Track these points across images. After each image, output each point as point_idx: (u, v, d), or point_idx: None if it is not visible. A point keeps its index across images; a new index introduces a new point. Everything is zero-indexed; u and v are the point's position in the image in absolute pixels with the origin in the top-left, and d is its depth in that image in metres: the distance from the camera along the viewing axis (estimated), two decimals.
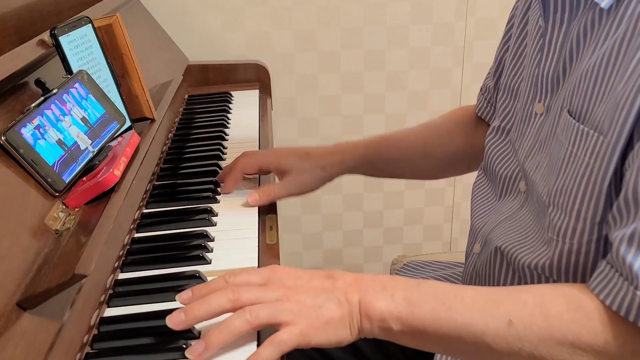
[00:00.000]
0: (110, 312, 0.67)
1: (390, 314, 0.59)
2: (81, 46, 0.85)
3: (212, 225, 0.84)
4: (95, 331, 0.64)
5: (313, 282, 0.62)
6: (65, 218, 0.69)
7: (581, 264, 0.64)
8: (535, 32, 0.75)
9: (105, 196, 0.73)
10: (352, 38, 1.58)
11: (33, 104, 0.71)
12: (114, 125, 0.83)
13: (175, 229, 0.83)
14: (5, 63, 0.71)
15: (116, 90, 0.91)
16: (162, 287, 0.70)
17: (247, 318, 0.58)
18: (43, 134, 0.70)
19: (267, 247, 0.79)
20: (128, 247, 0.79)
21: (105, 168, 0.75)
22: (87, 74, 0.82)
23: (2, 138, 0.65)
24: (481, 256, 0.80)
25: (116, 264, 0.74)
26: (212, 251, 0.78)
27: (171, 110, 1.17)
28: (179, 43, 1.47)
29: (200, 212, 0.86)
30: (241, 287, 0.60)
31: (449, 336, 0.59)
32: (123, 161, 0.78)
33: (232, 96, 1.40)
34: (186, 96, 1.39)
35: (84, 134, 0.77)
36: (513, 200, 0.79)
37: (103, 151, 0.79)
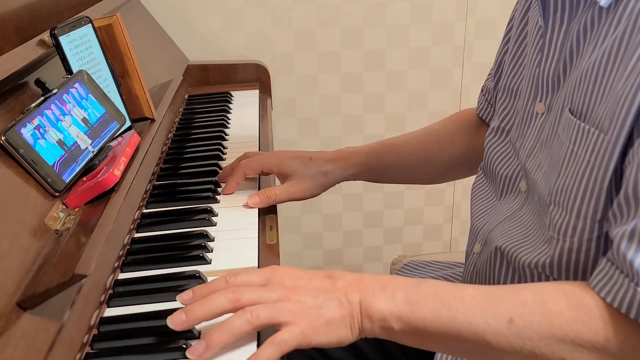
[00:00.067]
0: (110, 312, 0.67)
1: (390, 314, 0.59)
2: (81, 46, 0.85)
3: (212, 225, 0.84)
4: (95, 331, 0.64)
5: (313, 283, 0.62)
6: (65, 218, 0.69)
7: (582, 262, 0.64)
8: (535, 33, 0.75)
9: (105, 196, 0.73)
10: (352, 38, 1.58)
11: (33, 104, 0.71)
12: (114, 125, 0.83)
13: (175, 229, 0.83)
14: (5, 63, 0.71)
15: (116, 90, 0.91)
16: (162, 287, 0.70)
17: (248, 318, 0.58)
18: (43, 134, 0.70)
19: (267, 247, 0.79)
20: (128, 247, 0.79)
21: (105, 168, 0.75)
22: (87, 74, 0.82)
23: (2, 138, 0.65)
24: (481, 256, 0.80)
25: (116, 264, 0.74)
26: (212, 251, 0.78)
27: (171, 110, 1.17)
28: (179, 43, 1.47)
29: (200, 212, 0.86)
30: (242, 288, 0.60)
31: (450, 335, 0.59)
32: (123, 161, 0.78)
33: (232, 96, 1.40)
34: (186, 96, 1.39)
35: (84, 134, 0.77)
36: (513, 200, 0.79)
37: (103, 151, 0.79)
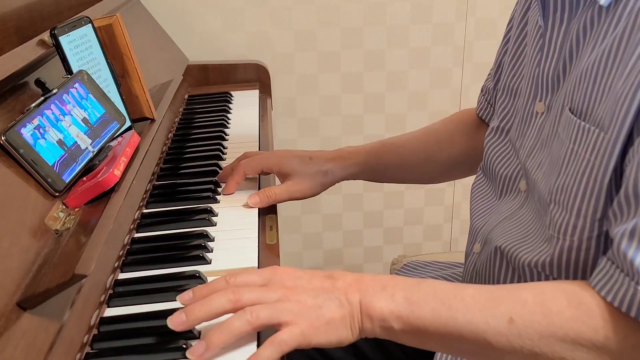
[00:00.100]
0: (110, 312, 0.67)
1: (391, 314, 0.59)
2: (81, 46, 0.85)
3: (212, 225, 0.84)
4: (95, 331, 0.64)
5: (313, 283, 0.62)
6: (65, 218, 0.69)
7: (581, 261, 0.64)
8: (535, 32, 0.75)
9: (105, 196, 0.73)
10: (352, 38, 1.58)
11: (33, 104, 0.71)
12: (114, 125, 0.83)
13: (175, 229, 0.83)
14: (5, 63, 0.71)
15: (116, 90, 0.91)
16: (162, 287, 0.70)
17: (248, 318, 0.58)
18: (43, 134, 0.70)
19: (267, 247, 0.79)
20: (128, 247, 0.79)
21: (105, 168, 0.75)
22: (87, 74, 0.82)
23: (2, 138, 0.65)
24: (481, 256, 0.80)
25: (116, 264, 0.74)
26: (212, 251, 0.78)
27: (171, 110, 1.17)
28: (179, 43, 1.47)
29: (200, 212, 0.86)
30: (242, 288, 0.60)
31: (450, 335, 0.59)
32: (123, 161, 0.78)
33: (232, 96, 1.40)
34: (186, 96, 1.39)
35: (84, 134, 0.77)
36: (513, 199, 0.79)
37: (103, 151, 0.79)
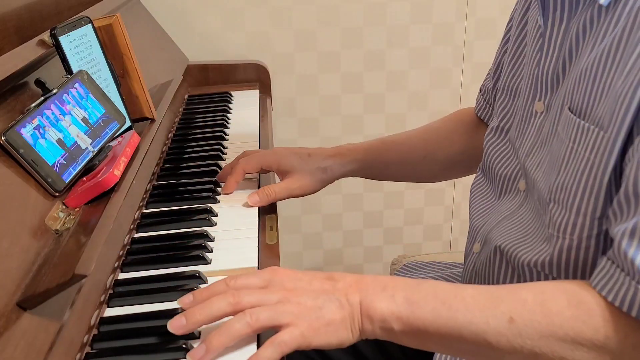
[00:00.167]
0: (110, 312, 0.67)
1: (391, 315, 0.59)
2: (81, 46, 0.85)
3: (212, 225, 0.84)
4: (95, 331, 0.64)
5: (313, 284, 0.62)
6: (65, 218, 0.69)
7: (581, 260, 0.64)
8: (534, 32, 0.75)
9: (105, 196, 0.73)
10: (352, 38, 1.58)
11: (33, 104, 0.71)
12: (114, 125, 0.83)
13: (175, 229, 0.83)
14: (5, 63, 0.71)
15: (116, 90, 0.91)
16: (162, 287, 0.70)
17: (248, 321, 0.58)
18: (43, 134, 0.70)
19: (267, 247, 0.79)
20: (128, 247, 0.79)
21: (105, 168, 0.75)
22: (87, 74, 0.82)
23: (2, 138, 0.65)
24: (481, 255, 0.80)
25: (116, 264, 0.74)
26: (212, 251, 0.78)
27: (171, 110, 1.17)
28: (179, 43, 1.47)
29: (200, 212, 0.86)
30: (242, 291, 0.60)
31: (450, 335, 0.59)
32: (123, 161, 0.78)
33: (232, 96, 1.40)
34: (186, 96, 1.39)
35: (84, 134, 0.77)
36: (512, 199, 0.79)
37: (103, 151, 0.79)
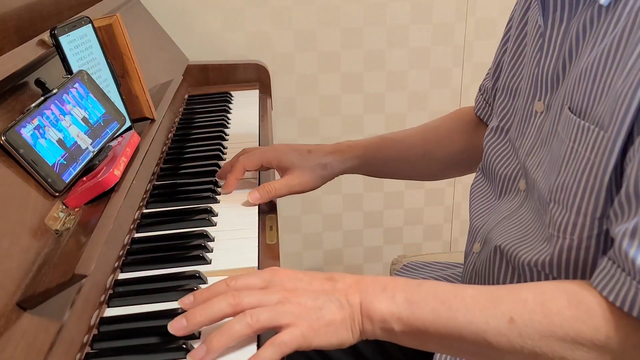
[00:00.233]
0: (110, 312, 0.67)
1: (391, 315, 0.59)
2: (81, 46, 0.85)
3: (212, 225, 0.84)
4: (95, 331, 0.64)
5: (313, 285, 0.62)
6: (65, 218, 0.69)
7: (581, 260, 0.64)
8: (534, 32, 0.75)
9: (105, 196, 0.73)
10: (352, 38, 1.58)
11: (33, 104, 0.71)
12: (114, 125, 0.83)
13: (175, 229, 0.83)
14: (5, 63, 0.71)
15: (116, 90, 0.91)
16: (162, 287, 0.70)
17: (248, 321, 0.58)
18: (43, 134, 0.70)
19: (267, 247, 0.79)
20: (128, 247, 0.79)
21: (105, 168, 0.75)
22: (87, 74, 0.82)
23: (2, 138, 0.65)
24: (481, 255, 0.80)
25: (116, 264, 0.74)
26: (212, 251, 0.78)
27: (171, 110, 1.17)
28: (179, 43, 1.47)
29: (200, 212, 0.86)
30: (242, 291, 0.60)
31: (451, 336, 0.59)
32: (123, 161, 0.78)
33: (232, 96, 1.40)
34: (186, 96, 1.39)
35: (84, 134, 0.77)
36: (513, 199, 0.79)
37: (103, 151, 0.79)
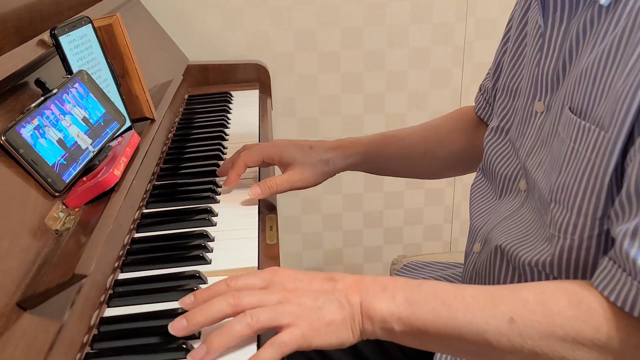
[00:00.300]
0: (110, 312, 0.67)
1: (391, 315, 0.59)
2: (81, 46, 0.85)
3: (212, 225, 0.84)
4: (95, 331, 0.64)
5: (314, 285, 0.62)
6: (65, 218, 0.69)
7: (582, 260, 0.64)
8: (534, 32, 0.75)
9: (105, 196, 0.73)
10: (352, 38, 1.58)
11: (33, 104, 0.71)
12: (114, 125, 0.83)
13: (175, 229, 0.83)
14: (5, 63, 0.71)
15: (116, 90, 0.91)
16: (162, 287, 0.70)
17: (248, 322, 0.58)
18: (43, 134, 0.70)
19: (267, 247, 0.79)
20: (128, 247, 0.79)
21: (105, 168, 0.75)
22: (87, 74, 0.82)
23: (2, 138, 0.65)
24: (481, 255, 0.80)
25: (116, 264, 0.74)
26: (212, 251, 0.78)
27: (171, 110, 1.17)
28: (179, 43, 1.47)
29: (200, 212, 0.86)
30: (242, 292, 0.60)
31: (451, 335, 0.59)
32: (123, 161, 0.78)
33: (232, 96, 1.40)
34: (186, 96, 1.39)
35: (84, 134, 0.77)
36: (513, 199, 0.79)
37: (103, 151, 0.79)
